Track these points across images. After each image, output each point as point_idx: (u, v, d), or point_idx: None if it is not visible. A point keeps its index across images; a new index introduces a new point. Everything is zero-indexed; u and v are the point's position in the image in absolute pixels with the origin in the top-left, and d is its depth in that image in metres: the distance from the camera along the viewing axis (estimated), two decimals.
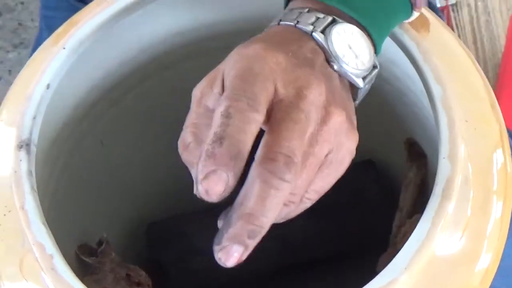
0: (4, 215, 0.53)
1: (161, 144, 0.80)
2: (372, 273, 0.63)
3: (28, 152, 0.53)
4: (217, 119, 0.41)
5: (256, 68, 0.44)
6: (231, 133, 0.40)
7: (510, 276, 0.74)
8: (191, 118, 0.46)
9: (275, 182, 0.40)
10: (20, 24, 1.37)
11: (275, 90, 0.43)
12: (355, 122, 0.48)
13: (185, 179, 0.85)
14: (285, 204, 0.43)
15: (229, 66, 0.46)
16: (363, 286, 0.49)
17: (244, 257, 0.42)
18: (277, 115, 0.42)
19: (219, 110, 0.42)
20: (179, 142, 0.46)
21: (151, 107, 0.76)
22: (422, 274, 0.48)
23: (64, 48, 0.57)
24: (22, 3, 1.38)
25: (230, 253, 0.42)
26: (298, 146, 0.42)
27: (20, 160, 0.52)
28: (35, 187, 0.52)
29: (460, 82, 0.57)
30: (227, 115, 0.41)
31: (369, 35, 0.50)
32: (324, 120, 0.44)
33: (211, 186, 0.40)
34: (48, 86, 0.55)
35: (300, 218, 0.81)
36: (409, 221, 0.70)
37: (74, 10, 0.63)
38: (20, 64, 1.32)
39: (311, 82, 0.44)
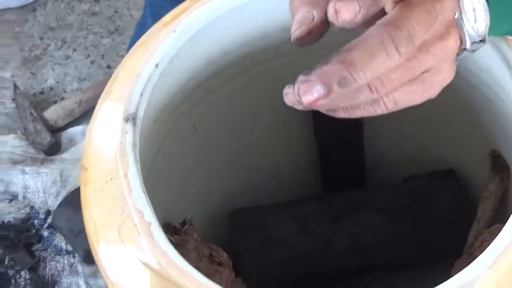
0: (106, 182, 0.55)
1: (248, 136, 0.83)
2: (441, 280, 0.64)
3: (134, 125, 0.56)
4: None
5: None
6: None
7: None
8: None
9: (390, 47, 0.41)
10: (116, 11, 1.40)
11: None
12: None
13: (267, 172, 0.87)
14: (369, 88, 0.44)
15: None
16: None
17: (319, 103, 0.42)
18: (413, 0, 0.44)
19: None
20: None
21: (242, 99, 0.77)
22: (505, 274, 0.49)
23: (174, 32, 0.59)
24: None
25: (312, 89, 0.42)
26: (421, 34, 0.43)
27: (126, 132, 0.55)
28: (138, 158, 0.55)
29: None
30: None
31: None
32: (442, 36, 0.45)
33: (342, 10, 0.42)
34: (156, 66, 0.58)
35: (375, 218, 0.82)
36: (488, 230, 0.70)
37: (180, 0, 0.65)
38: (113, 49, 1.35)
39: None
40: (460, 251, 0.72)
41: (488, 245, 0.50)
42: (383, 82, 0.43)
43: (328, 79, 0.41)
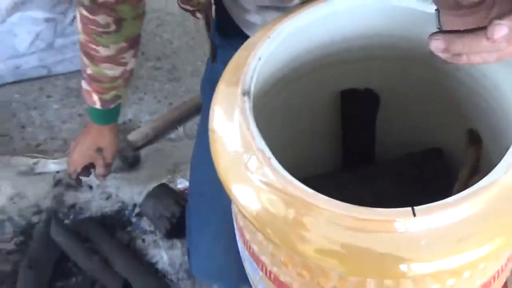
0: (231, 136, 0.57)
1: (302, 124, 0.82)
2: None
3: (249, 97, 0.57)
4: None
5: None
6: None
7: None
8: None
9: None
10: (173, 66, 1.43)
11: None
12: None
13: (309, 153, 0.86)
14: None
15: None
16: None
17: (499, 41, 0.43)
18: None
19: None
20: None
21: (306, 94, 0.77)
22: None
23: (269, 37, 0.61)
24: (175, 52, 1.46)
25: (501, 29, 0.43)
26: None
27: (245, 102, 0.57)
28: (254, 119, 0.56)
29: None
30: None
31: None
32: None
33: None
34: (259, 59, 0.60)
35: (388, 182, 0.83)
36: (473, 179, 0.72)
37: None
38: (174, 92, 1.37)
39: None
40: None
41: None
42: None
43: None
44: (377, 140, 0.89)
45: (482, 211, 0.51)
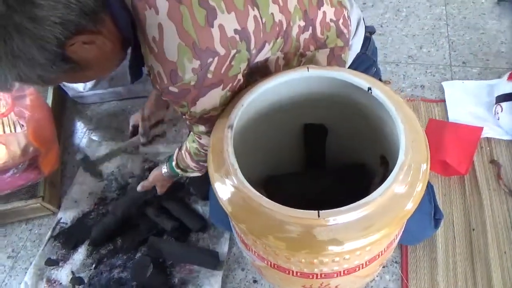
0: (219, 154, 0.55)
1: (277, 141, 0.79)
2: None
3: (232, 129, 0.55)
4: None
5: None
6: None
7: None
8: None
9: None
10: None
11: None
12: None
13: (283, 159, 0.82)
14: None
15: None
16: None
17: None
18: None
19: None
20: None
21: (276, 126, 0.75)
22: (390, 195, 0.48)
23: (251, 92, 0.58)
24: None
25: None
26: None
27: (228, 132, 0.55)
28: (232, 143, 0.54)
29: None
30: None
31: None
32: None
33: None
34: (242, 105, 0.57)
35: (332, 180, 0.79)
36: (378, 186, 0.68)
37: None
38: None
39: None
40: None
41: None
42: None
43: None
44: (326, 155, 0.85)
45: (369, 215, 0.47)
